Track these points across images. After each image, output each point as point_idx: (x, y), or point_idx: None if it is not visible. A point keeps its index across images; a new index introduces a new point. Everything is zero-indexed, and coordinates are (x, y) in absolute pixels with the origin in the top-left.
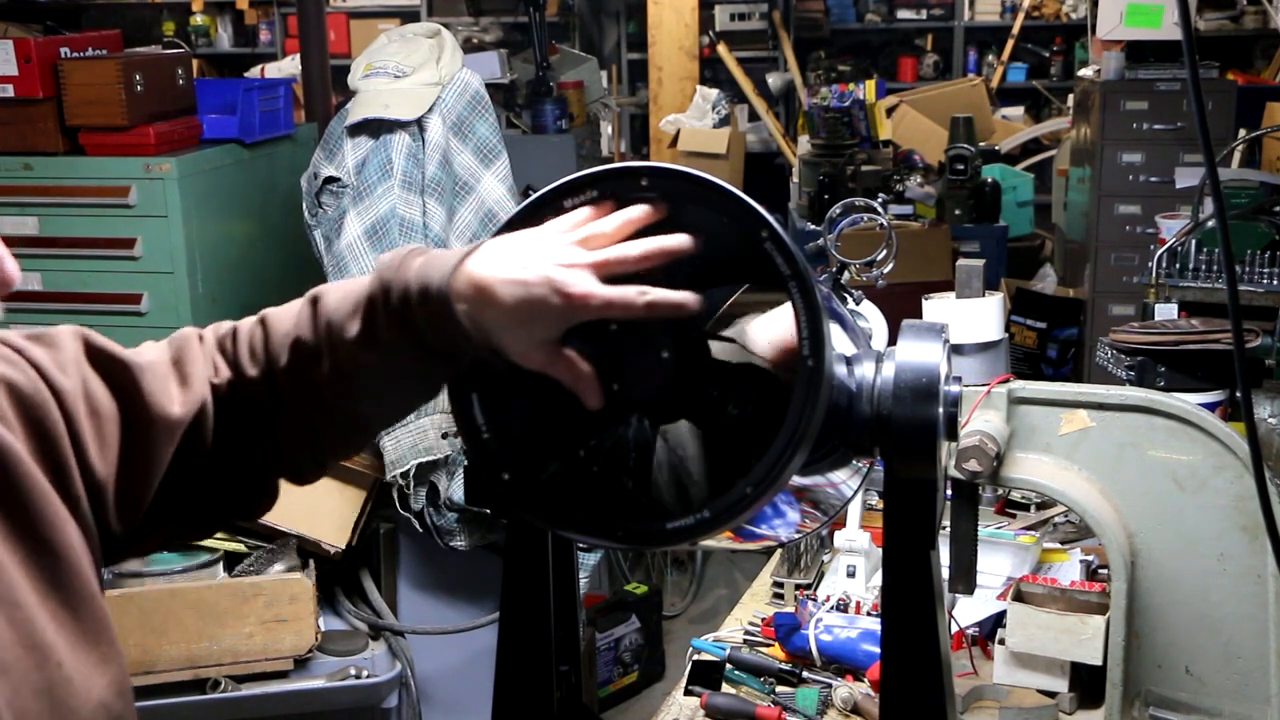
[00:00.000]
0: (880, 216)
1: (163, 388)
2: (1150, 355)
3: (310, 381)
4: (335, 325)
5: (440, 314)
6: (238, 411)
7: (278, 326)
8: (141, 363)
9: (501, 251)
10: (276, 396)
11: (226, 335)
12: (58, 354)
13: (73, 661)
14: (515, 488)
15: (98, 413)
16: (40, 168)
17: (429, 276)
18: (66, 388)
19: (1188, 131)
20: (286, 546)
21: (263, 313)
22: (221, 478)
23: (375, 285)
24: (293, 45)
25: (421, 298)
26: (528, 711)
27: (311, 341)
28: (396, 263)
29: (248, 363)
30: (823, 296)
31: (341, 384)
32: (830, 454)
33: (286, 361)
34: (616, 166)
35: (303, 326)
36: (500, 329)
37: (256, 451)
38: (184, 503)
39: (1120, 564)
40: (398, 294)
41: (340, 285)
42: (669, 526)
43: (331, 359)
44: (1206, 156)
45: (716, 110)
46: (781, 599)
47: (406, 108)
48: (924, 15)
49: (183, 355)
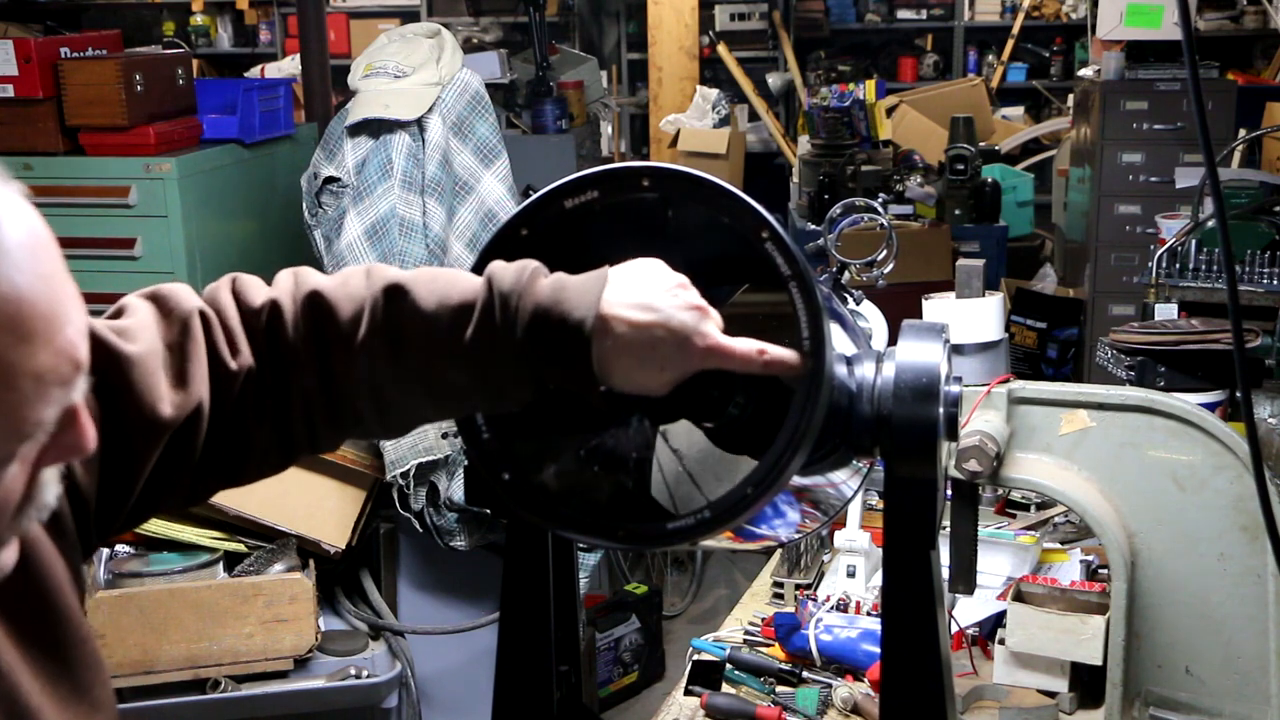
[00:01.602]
0: (880, 216)
1: (152, 385)
2: (1150, 355)
3: (373, 376)
4: (433, 329)
5: (573, 346)
6: (254, 397)
7: (338, 311)
8: (131, 355)
9: (637, 289)
10: (329, 383)
11: (262, 311)
12: None
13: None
14: (515, 488)
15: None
16: (40, 168)
17: (569, 306)
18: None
19: (1188, 131)
20: (286, 546)
21: (309, 285)
22: (216, 465)
23: (489, 298)
24: (293, 45)
25: (558, 326)
26: (528, 711)
27: (388, 339)
28: (523, 281)
29: (295, 346)
30: (823, 296)
31: (417, 381)
32: (830, 454)
33: (352, 353)
34: (617, 166)
35: (378, 320)
36: (629, 369)
37: (275, 430)
38: (163, 500)
39: (1120, 564)
40: (526, 315)
41: (427, 281)
42: (669, 526)
43: (415, 362)
44: (1206, 156)
45: (716, 110)
46: (781, 599)
47: (406, 108)
48: (924, 15)
49: (185, 342)
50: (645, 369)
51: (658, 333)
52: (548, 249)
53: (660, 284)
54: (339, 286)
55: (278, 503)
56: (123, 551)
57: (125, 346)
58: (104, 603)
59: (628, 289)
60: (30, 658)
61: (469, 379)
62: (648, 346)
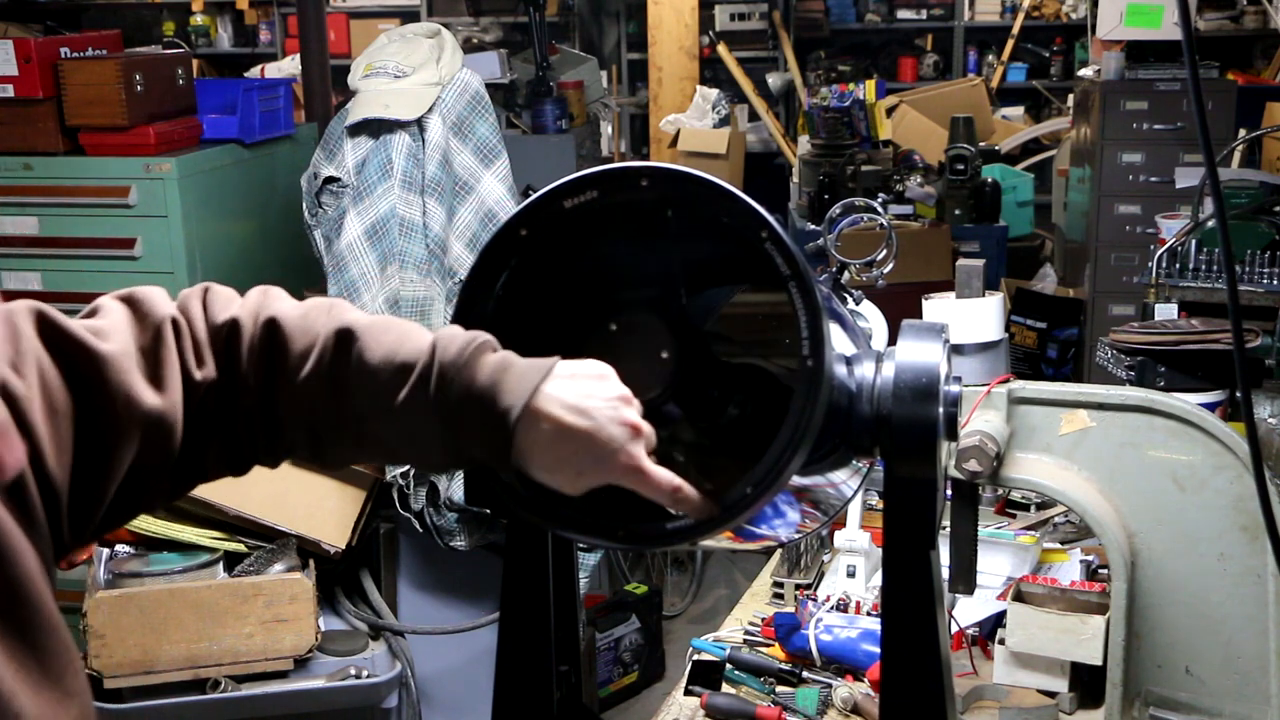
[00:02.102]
0: (880, 216)
1: (127, 385)
2: (1150, 355)
3: (316, 412)
4: (371, 380)
5: (495, 433)
6: (217, 408)
7: (291, 344)
8: (105, 353)
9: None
10: (271, 410)
11: (224, 328)
12: (15, 350)
13: (34, 707)
14: (515, 488)
15: (55, 410)
16: (40, 168)
17: (502, 392)
18: (20, 392)
19: (1188, 131)
20: (286, 546)
21: (269, 312)
22: (186, 467)
23: (431, 363)
24: (293, 45)
25: (486, 411)
26: (528, 711)
27: (333, 380)
28: (464, 355)
29: (247, 369)
30: (823, 296)
31: (351, 430)
32: (830, 454)
33: (299, 386)
34: (616, 167)
35: (325, 361)
36: (548, 466)
37: (229, 446)
38: (136, 503)
39: (1120, 564)
40: (459, 392)
41: (378, 332)
42: (669, 526)
43: (352, 406)
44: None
45: (716, 110)
46: (781, 599)
47: (406, 108)
48: (924, 15)
49: (157, 346)
50: (563, 470)
51: (582, 440)
52: (548, 249)
53: (602, 392)
54: (299, 319)
55: (278, 503)
56: (123, 551)
57: (99, 345)
58: (104, 603)
59: (567, 389)
60: (2, 646)
61: (396, 437)
62: (570, 450)
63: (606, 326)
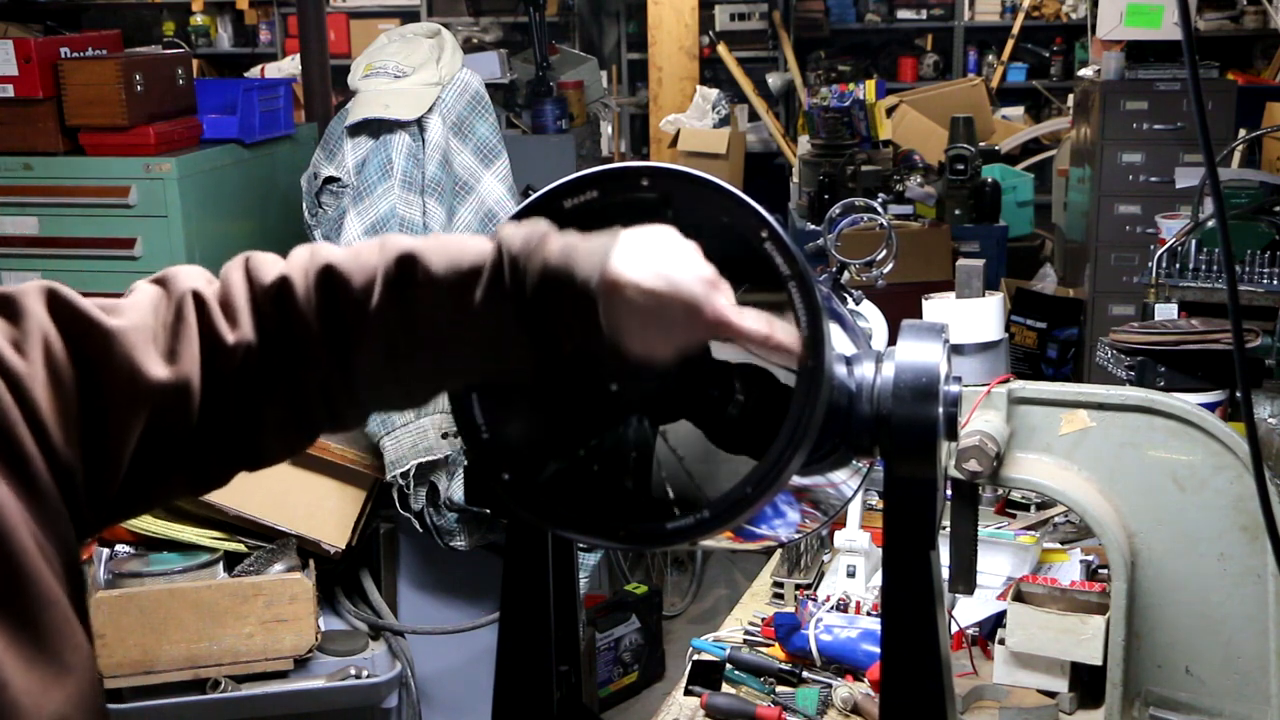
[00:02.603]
0: (880, 216)
1: (134, 358)
2: (1150, 355)
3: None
4: (442, 295)
5: (579, 306)
6: (259, 371)
7: (351, 281)
8: (114, 327)
9: (648, 253)
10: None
11: (274, 286)
12: (18, 328)
13: (23, 681)
14: (515, 488)
15: (61, 384)
16: (40, 168)
17: (577, 266)
18: (21, 370)
19: (1188, 131)
20: (286, 546)
21: (321, 262)
22: (224, 441)
23: (502, 258)
24: (293, 45)
25: (565, 286)
26: (528, 711)
27: (401, 306)
28: (533, 242)
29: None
30: (823, 296)
31: (428, 353)
32: (830, 454)
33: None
34: (616, 166)
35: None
36: (638, 332)
37: (284, 408)
38: (162, 476)
39: (1120, 564)
40: (535, 276)
41: (437, 247)
42: (669, 526)
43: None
44: (1206, 156)
45: (716, 110)
46: (781, 599)
47: (406, 108)
48: (924, 15)
49: (176, 323)
50: (653, 334)
51: (666, 298)
52: None
53: (673, 251)
54: (352, 258)
55: (278, 503)
56: (123, 551)
57: (107, 320)
58: (104, 603)
59: (639, 253)
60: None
61: (479, 343)
62: (655, 311)
63: None
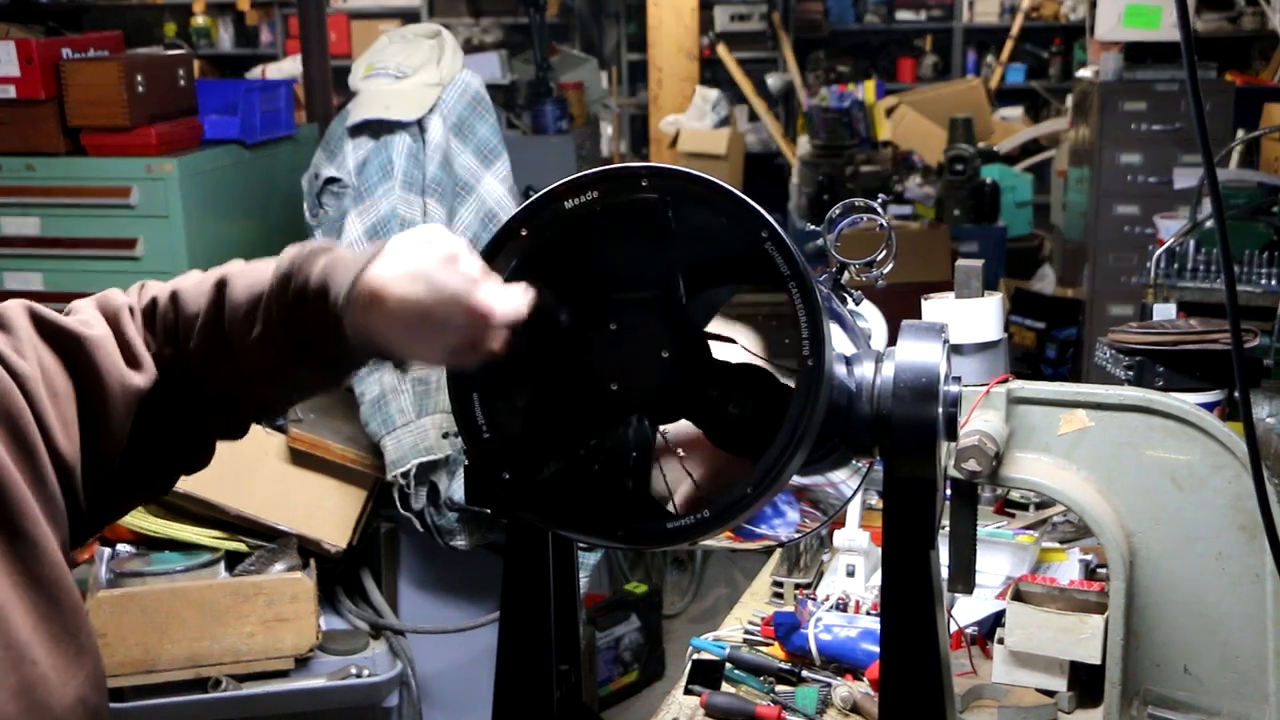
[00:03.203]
0: (880, 217)
1: (116, 361)
2: (1149, 355)
3: (215, 364)
4: (237, 318)
5: (328, 320)
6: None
7: (186, 306)
8: (94, 337)
9: (408, 259)
10: (187, 375)
11: (147, 308)
12: (14, 337)
13: (49, 659)
14: (515, 488)
15: (56, 393)
16: (42, 168)
17: (332, 281)
18: (26, 372)
19: (1186, 132)
20: (287, 546)
21: (175, 285)
22: (171, 441)
23: (275, 281)
24: (294, 46)
25: (316, 301)
26: (528, 711)
27: (215, 329)
28: (297, 262)
29: (162, 340)
30: (823, 296)
31: (244, 371)
32: (830, 454)
33: (194, 344)
34: (616, 167)
35: (209, 312)
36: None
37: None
38: (138, 477)
39: (1119, 563)
40: (294, 296)
41: (248, 272)
42: (669, 526)
43: (236, 349)
44: (1205, 157)
45: (716, 111)
46: (781, 598)
47: (407, 108)
48: (923, 16)
49: (123, 331)
50: (423, 337)
51: (425, 303)
52: (548, 249)
53: (431, 254)
54: (196, 283)
55: (278, 502)
56: (124, 551)
57: (87, 331)
58: (105, 602)
59: (399, 261)
60: (20, 598)
61: (273, 361)
62: (420, 315)
63: (606, 326)
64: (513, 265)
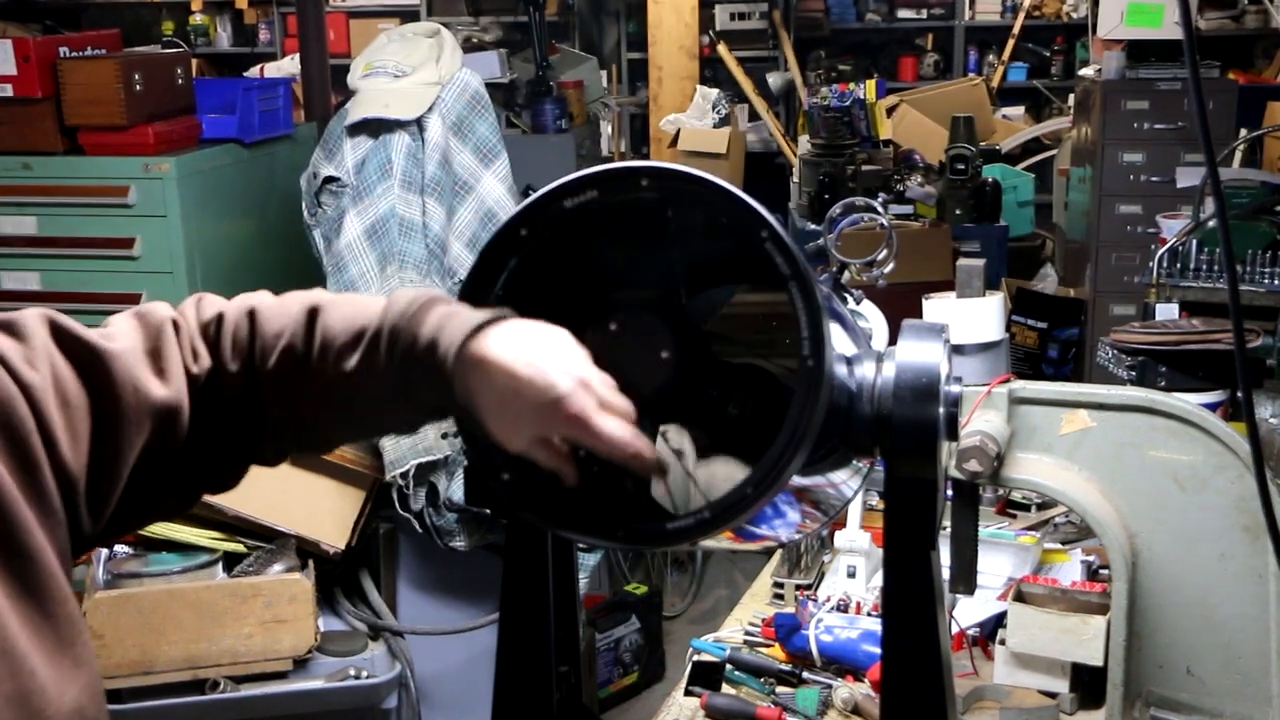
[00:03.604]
0: (880, 216)
1: (135, 377)
2: (1151, 355)
3: (292, 389)
4: (331, 349)
5: (438, 379)
6: (213, 400)
7: (267, 325)
8: (113, 349)
9: (527, 340)
10: (255, 394)
11: (211, 321)
12: (26, 345)
13: (46, 668)
14: (515, 488)
15: (68, 403)
16: (39, 167)
17: (443, 339)
18: (34, 382)
19: (1189, 131)
20: (286, 547)
21: (251, 303)
22: (193, 464)
23: (382, 324)
24: (292, 45)
25: (425, 356)
26: (528, 711)
27: (301, 354)
28: (413, 309)
29: (230, 356)
30: (823, 296)
31: (323, 401)
32: (831, 454)
33: (273, 365)
34: (617, 166)
35: (296, 336)
36: (494, 410)
37: (229, 439)
38: (153, 494)
39: (1121, 564)
40: (404, 344)
41: (343, 305)
42: (669, 526)
43: (320, 378)
44: (1207, 156)
45: (716, 110)
46: (781, 599)
47: (406, 107)
48: (924, 15)
49: (160, 344)
50: (509, 415)
51: (526, 383)
52: (548, 249)
53: (554, 345)
54: (276, 304)
55: (277, 503)
56: (122, 552)
57: (106, 344)
58: (103, 603)
59: (518, 338)
60: (16, 608)
61: (364, 401)
62: (515, 393)
63: (606, 326)
64: (512, 265)
